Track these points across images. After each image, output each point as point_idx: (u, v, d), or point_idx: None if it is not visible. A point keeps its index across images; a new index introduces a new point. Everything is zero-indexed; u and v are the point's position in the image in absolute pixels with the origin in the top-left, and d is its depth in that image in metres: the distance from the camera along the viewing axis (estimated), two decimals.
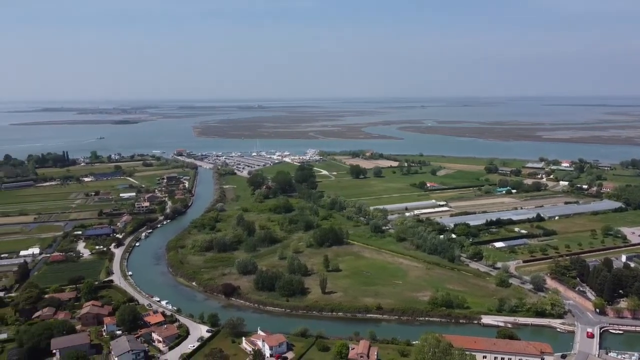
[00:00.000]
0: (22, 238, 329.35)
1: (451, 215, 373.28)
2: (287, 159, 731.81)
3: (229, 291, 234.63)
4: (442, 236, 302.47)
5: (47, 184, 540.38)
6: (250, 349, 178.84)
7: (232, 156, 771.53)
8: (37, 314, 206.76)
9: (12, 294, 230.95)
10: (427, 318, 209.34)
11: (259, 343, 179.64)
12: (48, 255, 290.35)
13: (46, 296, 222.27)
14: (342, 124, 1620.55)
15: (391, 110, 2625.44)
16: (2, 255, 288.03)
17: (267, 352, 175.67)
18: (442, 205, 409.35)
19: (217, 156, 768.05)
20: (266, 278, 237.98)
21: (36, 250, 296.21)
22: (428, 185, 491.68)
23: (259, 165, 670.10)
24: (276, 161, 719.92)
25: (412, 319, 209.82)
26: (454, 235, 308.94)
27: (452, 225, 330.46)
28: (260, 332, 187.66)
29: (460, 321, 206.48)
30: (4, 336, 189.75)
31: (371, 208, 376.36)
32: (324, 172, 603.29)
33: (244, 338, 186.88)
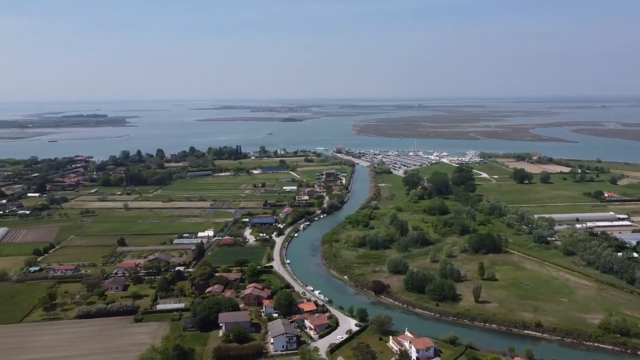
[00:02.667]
0: (200, 221, 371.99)
1: (633, 231, 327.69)
2: (444, 160, 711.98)
3: (378, 288, 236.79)
4: (620, 254, 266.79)
5: (223, 174, 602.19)
6: (397, 349, 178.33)
7: (388, 155, 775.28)
8: (208, 289, 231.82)
9: (190, 270, 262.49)
10: (596, 344, 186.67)
11: (406, 344, 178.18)
12: (220, 238, 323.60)
13: (217, 274, 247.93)
14: (506, 124, 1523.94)
15: (564, 110, 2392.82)
16: (184, 235, 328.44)
17: (414, 355, 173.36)
18: (623, 219, 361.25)
19: (374, 154, 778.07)
20: (417, 279, 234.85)
21: (211, 233, 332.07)
22: (606, 195, 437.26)
23: (415, 165, 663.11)
24: (433, 161, 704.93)
25: (577, 343, 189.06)
26: (635, 254, 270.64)
27: (634, 243, 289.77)
28: (407, 333, 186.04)
29: (639, 353, 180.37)
30: (182, 305, 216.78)
31: (535, 216, 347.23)
32: (484, 174, 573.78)
33: (391, 337, 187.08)
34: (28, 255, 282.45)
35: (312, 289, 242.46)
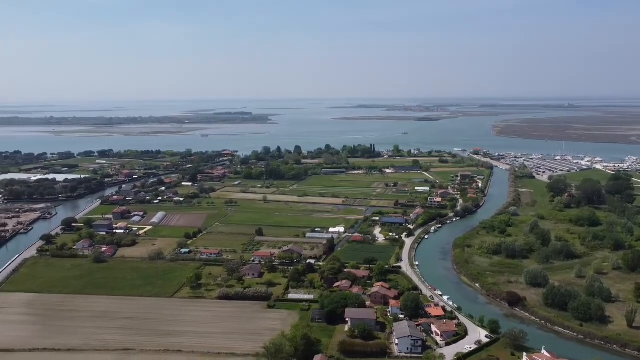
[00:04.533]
0: (332, 217, 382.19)
1: None
2: (597, 166, 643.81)
3: (513, 300, 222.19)
4: None
5: (356, 172, 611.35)
6: None
7: (531, 158, 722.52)
8: (337, 284, 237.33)
9: (320, 263, 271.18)
10: None
11: None
12: (350, 235, 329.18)
13: (345, 270, 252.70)
14: None
15: None
16: (316, 229, 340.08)
17: None
18: None
19: (516, 157, 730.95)
20: (558, 295, 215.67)
21: (341, 229, 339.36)
22: None
23: (562, 170, 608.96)
24: (584, 167, 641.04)
25: None
26: None
27: None
28: (544, 352, 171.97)
29: None
30: (311, 297, 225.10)
31: None
32: None
33: (525, 354, 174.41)
34: (180, 238, 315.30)
35: (440, 293, 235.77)
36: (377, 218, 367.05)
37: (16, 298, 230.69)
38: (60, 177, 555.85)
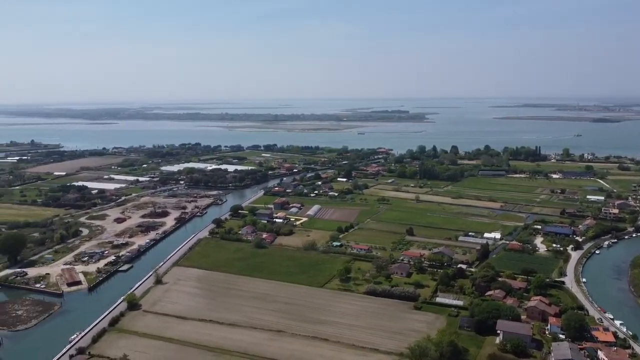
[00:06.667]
0: (487, 221, 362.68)
1: None
2: None
3: None
4: None
5: (517, 175, 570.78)
6: None
7: None
8: (489, 292, 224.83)
9: (472, 269, 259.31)
10: None
11: None
12: (507, 242, 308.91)
13: (499, 279, 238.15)
14: None
15: None
16: (470, 233, 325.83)
17: None
18: None
19: None
20: None
21: (497, 235, 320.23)
22: None
23: None
24: None
25: None
26: None
27: None
28: None
29: None
30: (460, 303, 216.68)
31: None
32: None
33: None
34: (332, 231, 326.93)
35: (611, 317, 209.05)
36: (539, 226, 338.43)
37: (190, 272, 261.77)
38: (231, 168, 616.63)
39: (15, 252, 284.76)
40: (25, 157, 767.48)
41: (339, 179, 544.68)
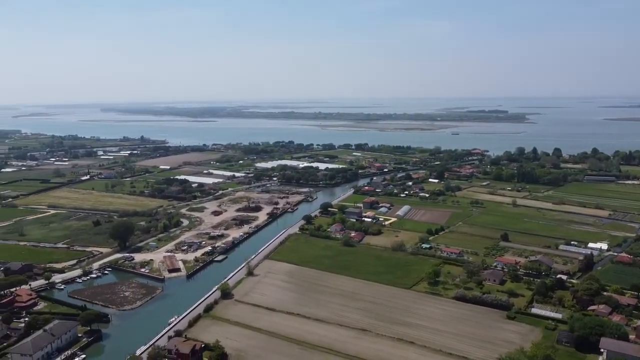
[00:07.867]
0: (592, 230, 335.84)
1: None
2: None
3: None
4: None
5: (629, 182, 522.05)
6: None
7: None
8: (592, 307, 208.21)
9: (573, 280, 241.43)
10: None
11: None
12: (615, 254, 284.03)
13: (605, 293, 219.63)
14: None
15: None
16: (572, 242, 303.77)
17: None
18: None
19: None
20: None
21: (604, 246, 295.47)
22: None
23: None
24: None
25: None
26: None
27: None
28: None
29: None
30: (559, 316, 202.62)
31: None
32: None
33: None
34: (422, 233, 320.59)
35: None
36: None
37: (280, 266, 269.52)
38: (322, 166, 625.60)
39: (124, 238, 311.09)
40: (136, 152, 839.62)
41: (430, 179, 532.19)
